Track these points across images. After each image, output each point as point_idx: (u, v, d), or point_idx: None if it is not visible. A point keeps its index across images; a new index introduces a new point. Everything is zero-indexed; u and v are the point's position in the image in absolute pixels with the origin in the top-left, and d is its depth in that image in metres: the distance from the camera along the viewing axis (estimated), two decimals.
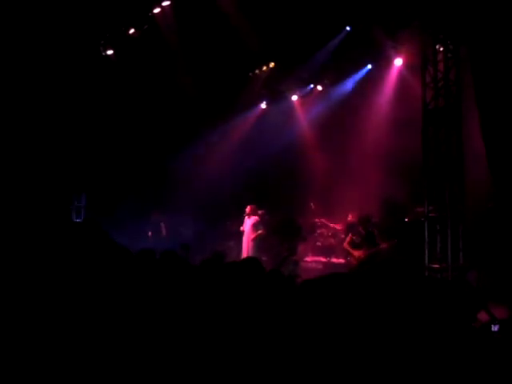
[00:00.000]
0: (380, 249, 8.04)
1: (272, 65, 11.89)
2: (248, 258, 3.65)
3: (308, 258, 10.91)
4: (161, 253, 3.00)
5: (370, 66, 11.10)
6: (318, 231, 11.18)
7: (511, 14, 6.11)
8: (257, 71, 12.21)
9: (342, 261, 9.82)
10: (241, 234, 9.68)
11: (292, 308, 2.57)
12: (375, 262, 8.02)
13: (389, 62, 10.55)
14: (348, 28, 10.02)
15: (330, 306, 2.46)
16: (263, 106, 13.31)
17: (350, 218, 10.05)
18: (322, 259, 10.76)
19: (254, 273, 3.03)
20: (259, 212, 9.70)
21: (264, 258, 9.12)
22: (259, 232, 9.36)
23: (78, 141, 11.27)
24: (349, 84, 11.51)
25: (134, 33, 10.93)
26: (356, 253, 8.14)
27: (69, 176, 11.31)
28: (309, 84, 12.30)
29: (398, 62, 10.33)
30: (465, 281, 6.45)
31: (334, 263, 10.34)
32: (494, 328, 5.30)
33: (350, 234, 8.45)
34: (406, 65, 10.15)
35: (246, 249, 9.38)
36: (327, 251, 10.80)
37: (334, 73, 11.55)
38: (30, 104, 10.20)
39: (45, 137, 10.42)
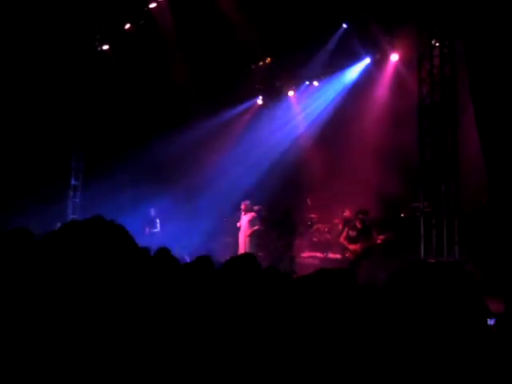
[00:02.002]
0: (376, 242, 8.06)
1: (268, 60, 11.87)
2: (244, 254, 3.66)
3: (304, 254, 10.93)
4: (155, 250, 3.00)
5: (366, 62, 11.09)
6: (315, 227, 11.20)
7: (506, 9, 6.11)
8: (253, 66, 12.19)
9: (338, 256, 9.84)
10: (238, 230, 9.70)
11: (287, 304, 2.58)
12: (371, 255, 8.07)
13: (385, 58, 10.56)
14: (345, 25, 10.01)
15: (325, 302, 2.47)
16: (259, 101, 13.30)
17: (347, 213, 10.07)
18: (319, 255, 10.78)
19: (250, 269, 3.04)
20: (255, 208, 9.70)
21: (260, 254, 9.13)
22: (255, 228, 9.38)
23: (75, 136, 11.40)
24: (345, 79, 11.51)
25: (129, 28, 10.90)
26: (352, 247, 8.15)
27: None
28: (305, 80, 12.29)
29: (394, 57, 10.33)
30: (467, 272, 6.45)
31: (330, 259, 10.37)
32: (490, 322, 5.33)
33: (346, 229, 8.46)
34: (402, 60, 10.16)
35: (243, 245, 9.40)
36: (324, 247, 10.83)
37: (331, 68, 11.54)
38: (26, 99, 10.24)
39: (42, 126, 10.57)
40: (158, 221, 10.95)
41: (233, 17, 9.89)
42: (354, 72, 11.35)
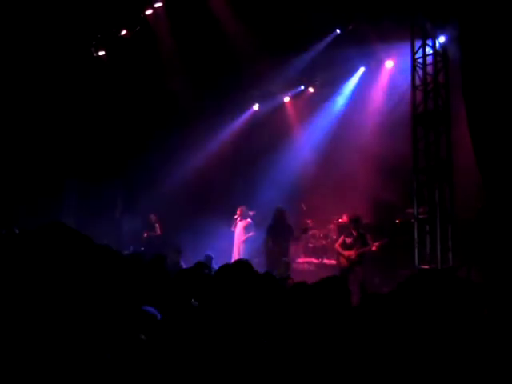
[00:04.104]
0: (370, 248, 8.08)
1: (264, 66, 11.89)
2: (239, 261, 3.67)
3: (300, 259, 10.94)
4: (151, 257, 3.01)
5: (361, 69, 11.15)
6: (310, 232, 11.21)
7: (500, 18, 6.18)
8: (249, 72, 12.20)
9: (333, 262, 9.85)
10: (232, 235, 9.71)
11: (283, 311, 2.60)
12: (365, 260, 8.10)
13: (380, 64, 10.63)
14: (338, 31, 10.07)
15: (321, 309, 2.50)
16: (255, 107, 13.32)
17: (344, 218, 10.10)
18: (314, 260, 10.79)
19: (244, 275, 3.06)
20: (250, 213, 9.72)
21: (256, 260, 9.13)
22: (250, 234, 9.40)
23: (69, 141, 11.39)
24: (340, 86, 11.57)
25: (125, 34, 10.93)
26: (346, 253, 8.17)
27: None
28: (300, 86, 12.33)
29: (389, 64, 10.40)
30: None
31: (325, 264, 10.38)
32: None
33: (342, 236, 8.48)
34: (396, 67, 10.23)
35: (237, 251, 9.41)
36: (319, 252, 10.83)
37: (326, 74, 11.59)
38: (21, 103, 10.25)
39: (37, 134, 10.56)
40: (157, 225, 11.09)
41: (228, 23, 9.94)
42: (348, 78, 11.41)
